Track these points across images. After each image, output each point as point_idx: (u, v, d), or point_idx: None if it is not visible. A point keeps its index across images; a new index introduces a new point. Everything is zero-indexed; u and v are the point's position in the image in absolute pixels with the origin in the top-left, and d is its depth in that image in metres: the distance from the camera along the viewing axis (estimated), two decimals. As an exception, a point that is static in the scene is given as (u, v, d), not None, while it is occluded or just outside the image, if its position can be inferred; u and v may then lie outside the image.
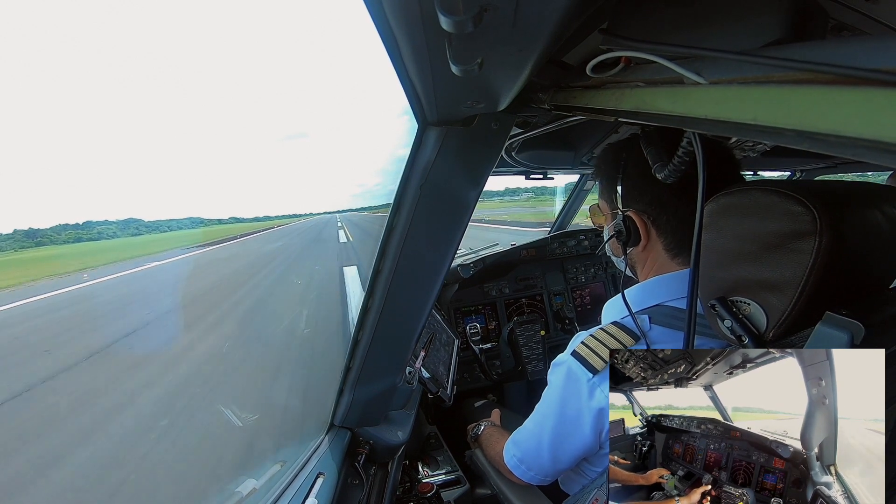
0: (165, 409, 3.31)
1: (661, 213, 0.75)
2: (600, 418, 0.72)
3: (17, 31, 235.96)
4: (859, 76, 0.24)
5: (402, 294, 0.83)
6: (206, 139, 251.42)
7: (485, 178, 0.72)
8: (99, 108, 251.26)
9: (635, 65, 0.44)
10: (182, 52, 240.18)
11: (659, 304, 0.75)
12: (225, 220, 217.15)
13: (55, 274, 17.01)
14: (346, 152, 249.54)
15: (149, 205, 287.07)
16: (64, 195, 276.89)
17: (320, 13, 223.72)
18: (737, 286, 0.52)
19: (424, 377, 1.24)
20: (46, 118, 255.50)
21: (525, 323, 1.82)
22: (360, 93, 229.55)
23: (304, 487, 0.81)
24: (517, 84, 0.49)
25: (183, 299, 8.47)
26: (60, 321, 7.27)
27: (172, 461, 2.61)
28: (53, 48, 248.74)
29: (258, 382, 3.68)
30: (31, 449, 2.91)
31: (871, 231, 0.47)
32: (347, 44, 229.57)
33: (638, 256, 0.82)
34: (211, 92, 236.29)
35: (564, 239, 2.22)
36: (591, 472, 0.86)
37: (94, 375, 4.26)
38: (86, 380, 4.17)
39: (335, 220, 64.74)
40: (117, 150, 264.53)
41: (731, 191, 0.52)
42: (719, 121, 0.33)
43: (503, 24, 0.33)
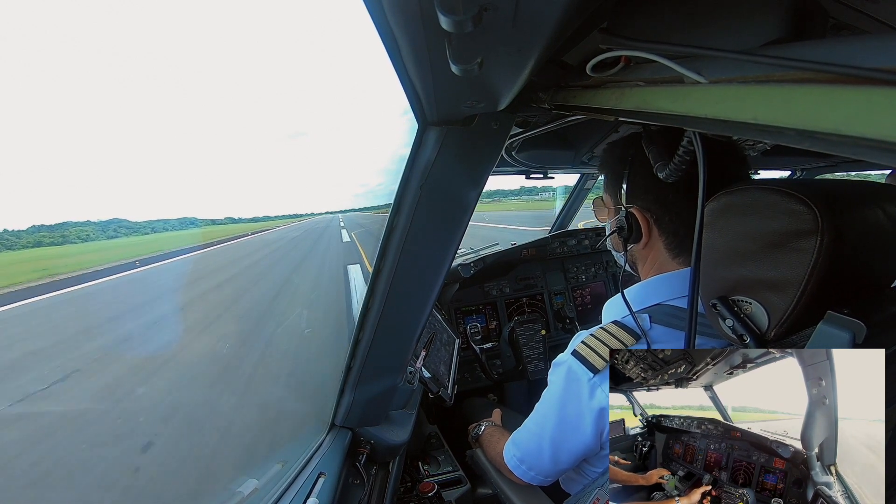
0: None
1: (663, 212, 0.75)
2: (601, 418, 0.72)
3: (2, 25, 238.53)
4: (860, 75, 0.24)
5: (403, 294, 0.83)
6: (204, 138, 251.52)
7: (485, 178, 0.72)
8: (87, 105, 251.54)
9: (635, 64, 0.44)
10: (182, 52, 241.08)
11: (660, 303, 0.75)
12: (220, 221, 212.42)
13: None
14: (346, 152, 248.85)
15: (136, 204, 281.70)
16: (40, 193, 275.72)
17: (320, 13, 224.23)
18: (738, 285, 0.52)
19: (425, 377, 1.24)
20: (44, 117, 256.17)
21: (526, 322, 1.82)
22: (361, 92, 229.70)
23: (306, 487, 0.81)
24: (517, 84, 0.49)
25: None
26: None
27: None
28: (52, 47, 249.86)
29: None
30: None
31: (872, 230, 0.47)
32: (348, 44, 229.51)
33: (639, 253, 0.81)
34: (211, 92, 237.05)
35: (565, 238, 2.22)
36: (592, 472, 0.85)
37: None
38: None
39: (337, 221, 57.97)
40: (108, 148, 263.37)
41: (732, 190, 0.52)
42: (720, 120, 0.33)
43: (503, 24, 0.33)
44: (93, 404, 3.65)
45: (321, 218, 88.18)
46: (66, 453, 2.84)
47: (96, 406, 3.61)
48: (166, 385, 3.98)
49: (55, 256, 30.06)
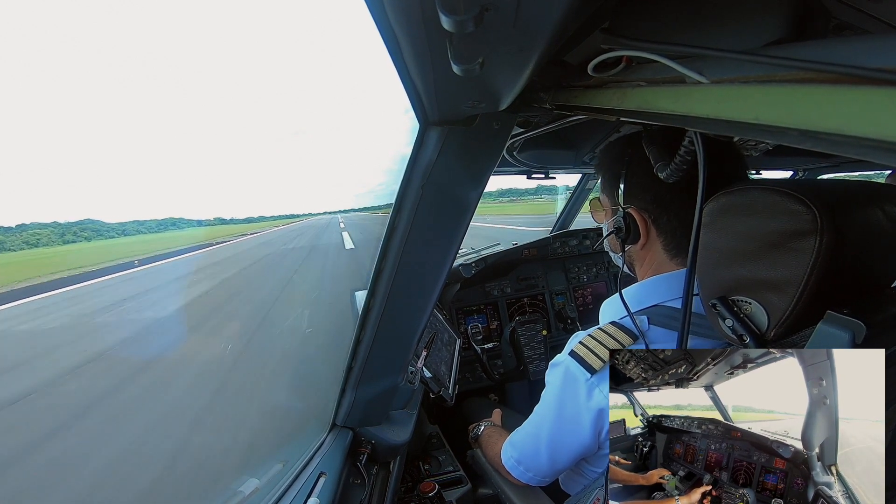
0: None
1: (661, 213, 0.75)
2: (599, 418, 0.72)
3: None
4: (862, 75, 0.24)
5: (404, 294, 0.83)
6: (202, 137, 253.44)
7: (486, 178, 0.72)
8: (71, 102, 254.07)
9: (637, 64, 0.44)
10: (181, 51, 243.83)
11: (657, 304, 0.75)
12: (206, 222, 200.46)
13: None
14: (347, 151, 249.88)
15: (112, 204, 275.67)
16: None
17: (321, 12, 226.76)
18: (738, 285, 0.51)
19: (426, 377, 1.24)
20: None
21: (527, 322, 1.82)
22: (361, 92, 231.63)
23: (306, 487, 0.82)
24: (518, 84, 0.49)
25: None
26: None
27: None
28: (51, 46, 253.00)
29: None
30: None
31: (872, 230, 0.47)
32: (348, 43, 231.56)
33: (637, 254, 0.81)
34: (211, 92, 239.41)
35: (566, 238, 2.22)
36: (592, 472, 0.85)
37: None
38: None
39: (336, 223, 48.07)
40: (87, 145, 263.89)
41: (731, 190, 0.52)
42: (721, 120, 0.33)
43: (504, 24, 0.33)
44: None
45: (317, 220, 72.87)
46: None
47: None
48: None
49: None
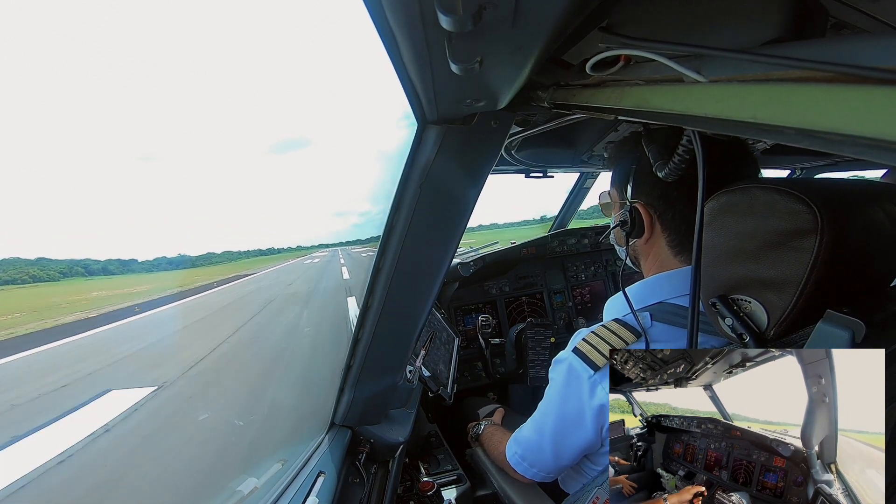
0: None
1: (666, 208, 0.75)
2: (601, 415, 0.72)
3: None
4: (859, 74, 0.24)
5: (403, 293, 0.83)
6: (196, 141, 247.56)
7: (485, 177, 0.72)
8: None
9: (635, 63, 0.44)
10: (182, 51, 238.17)
11: (661, 301, 0.75)
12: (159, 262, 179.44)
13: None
14: (347, 155, 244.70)
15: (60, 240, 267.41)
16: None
17: (319, 12, 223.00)
18: (738, 284, 0.52)
19: (425, 376, 1.24)
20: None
21: (537, 326, 1.80)
22: (360, 91, 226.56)
23: (305, 486, 0.82)
24: (517, 82, 0.49)
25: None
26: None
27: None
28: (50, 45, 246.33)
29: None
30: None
31: (871, 229, 0.47)
32: (347, 43, 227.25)
33: (641, 249, 0.82)
34: (212, 92, 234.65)
35: (565, 237, 2.22)
36: (592, 470, 0.86)
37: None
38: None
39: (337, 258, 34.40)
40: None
41: (731, 189, 0.52)
42: (719, 119, 0.33)
43: (503, 23, 0.33)
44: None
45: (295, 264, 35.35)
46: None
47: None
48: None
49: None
